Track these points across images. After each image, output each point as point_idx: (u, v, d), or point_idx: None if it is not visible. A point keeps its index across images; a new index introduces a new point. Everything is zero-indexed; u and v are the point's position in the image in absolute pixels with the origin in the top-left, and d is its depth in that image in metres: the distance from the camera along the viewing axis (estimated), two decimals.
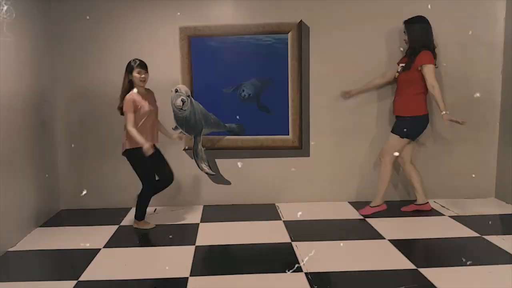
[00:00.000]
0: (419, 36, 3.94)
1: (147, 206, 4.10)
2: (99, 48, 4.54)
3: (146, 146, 3.72)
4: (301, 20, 4.46)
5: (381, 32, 4.50)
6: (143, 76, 3.87)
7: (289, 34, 4.49)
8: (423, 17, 4.04)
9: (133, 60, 3.87)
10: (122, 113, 3.90)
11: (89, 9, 4.49)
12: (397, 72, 4.09)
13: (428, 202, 4.26)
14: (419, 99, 3.99)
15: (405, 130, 3.99)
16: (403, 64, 4.03)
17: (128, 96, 3.84)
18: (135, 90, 3.87)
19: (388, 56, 4.50)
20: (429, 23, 4.00)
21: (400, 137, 4.02)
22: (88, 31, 4.51)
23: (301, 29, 4.48)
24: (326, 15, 4.49)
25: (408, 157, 4.22)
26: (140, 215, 4.11)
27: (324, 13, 4.48)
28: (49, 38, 4.46)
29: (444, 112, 3.78)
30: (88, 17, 4.45)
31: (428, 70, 3.84)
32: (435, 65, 3.91)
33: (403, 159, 4.23)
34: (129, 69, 3.85)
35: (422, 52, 3.89)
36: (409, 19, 4.07)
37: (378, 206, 4.21)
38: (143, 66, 3.87)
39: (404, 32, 4.06)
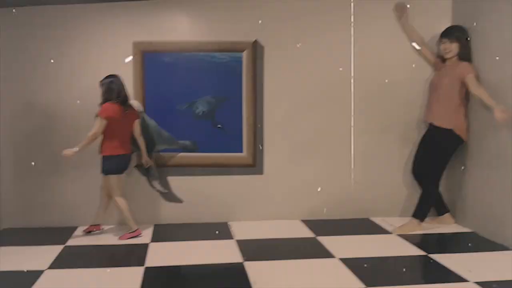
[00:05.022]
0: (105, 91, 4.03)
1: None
2: (48, 62, 4.40)
3: None
4: (255, 40, 4.51)
5: (335, 52, 4.60)
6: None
7: (244, 53, 4.52)
8: (115, 75, 4.08)
9: None
10: None
11: (37, 21, 4.37)
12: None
13: (100, 225, 4.34)
14: (110, 141, 4.07)
15: (106, 168, 4.08)
16: None
17: None
18: None
19: (341, 76, 4.61)
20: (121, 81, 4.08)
21: (105, 175, 4.11)
22: (37, 44, 4.38)
23: (256, 48, 4.52)
24: (280, 35, 4.55)
25: (105, 190, 4.24)
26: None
27: (278, 33, 4.55)
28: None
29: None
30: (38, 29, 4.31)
31: (97, 120, 3.97)
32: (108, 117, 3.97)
33: (105, 190, 4.25)
34: None
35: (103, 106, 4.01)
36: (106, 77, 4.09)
37: (134, 231, 4.18)
38: None
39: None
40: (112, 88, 4.03)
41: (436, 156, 4.21)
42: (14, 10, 4.30)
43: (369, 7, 4.57)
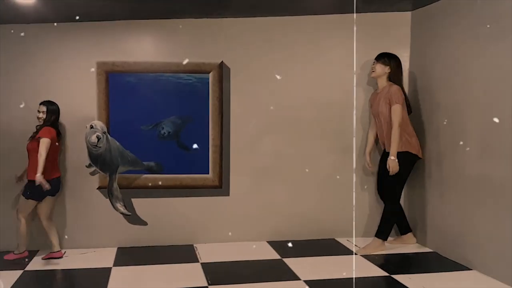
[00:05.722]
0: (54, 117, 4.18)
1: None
2: (7, 82, 4.30)
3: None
4: (222, 61, 4.54)
5: (297, 77, 4.66)
6: None
7: (210, 74, 4.53)
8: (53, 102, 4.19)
9: None
10: None
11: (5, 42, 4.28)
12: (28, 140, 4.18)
13: (60, 250, 4.21)
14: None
15: (28, 192, 4.08)
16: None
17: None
18: None
19: (306, 98, 4.68)
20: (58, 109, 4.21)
21: (25, 198, 4.10)
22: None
23: (222, 70, 4.54)
24: (247, 57, 4.59)
25: (44, 215, 4.21)
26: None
27: (244, 55, 4.59)
28: None
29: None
30: None
31: (43, 142, 4.00)
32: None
33: (40, 217, 4.22)
34: None
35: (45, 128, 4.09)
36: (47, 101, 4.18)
37: (21, 253, 4.15)
38: None
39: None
40: (58, 116, 4.23)
41: (394, 176, 4.31)
42: None
43: (331, 32, 4.68)
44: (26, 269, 3.93)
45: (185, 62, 4.34)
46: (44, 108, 4.13)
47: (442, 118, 4.21)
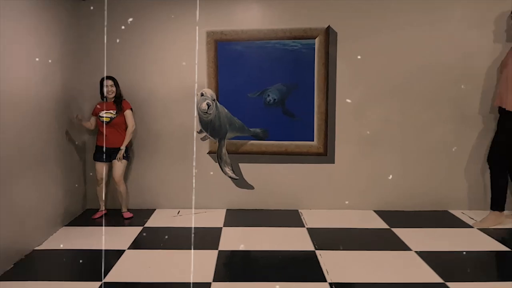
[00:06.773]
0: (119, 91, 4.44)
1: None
2: (125, 51, 4.59)
3: None
4: (328, 26, 4.42)
5: (408, 40, 4.42)
6: None
7: (317, 40, 4.45)
8: None
9: None
10: None
11: (118, 13, 4.55)
12: (109, 117, 4.36)
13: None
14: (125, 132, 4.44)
15: (129, 156, 4.56)
16: (113, 111, 4.36)
17: None
18: None
19: (415, 64, 4.43)
20: None
21: (127, 161, 4.50)
22: (116, 34, 4.57)
23: (329, 35, 4.44)
24: (354, 21, 4.43)
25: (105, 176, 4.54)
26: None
27: (352, 19, 4.43)
28: (79, 41, 4.54)
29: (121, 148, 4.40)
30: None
31: (130, 114, 4.41)
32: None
33: (104, 178, 4.50)
34: None
35: (125, 100, 4.45)
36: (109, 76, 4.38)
37: (126, 212, 4.54)
38: None
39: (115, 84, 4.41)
40: None
41: (501, 140, 3.92)
42: (92, 8, 4.53)
43: None
44: (145, 225, 4.25)
45: None
46: (111, 82, 4.38)
47: None
